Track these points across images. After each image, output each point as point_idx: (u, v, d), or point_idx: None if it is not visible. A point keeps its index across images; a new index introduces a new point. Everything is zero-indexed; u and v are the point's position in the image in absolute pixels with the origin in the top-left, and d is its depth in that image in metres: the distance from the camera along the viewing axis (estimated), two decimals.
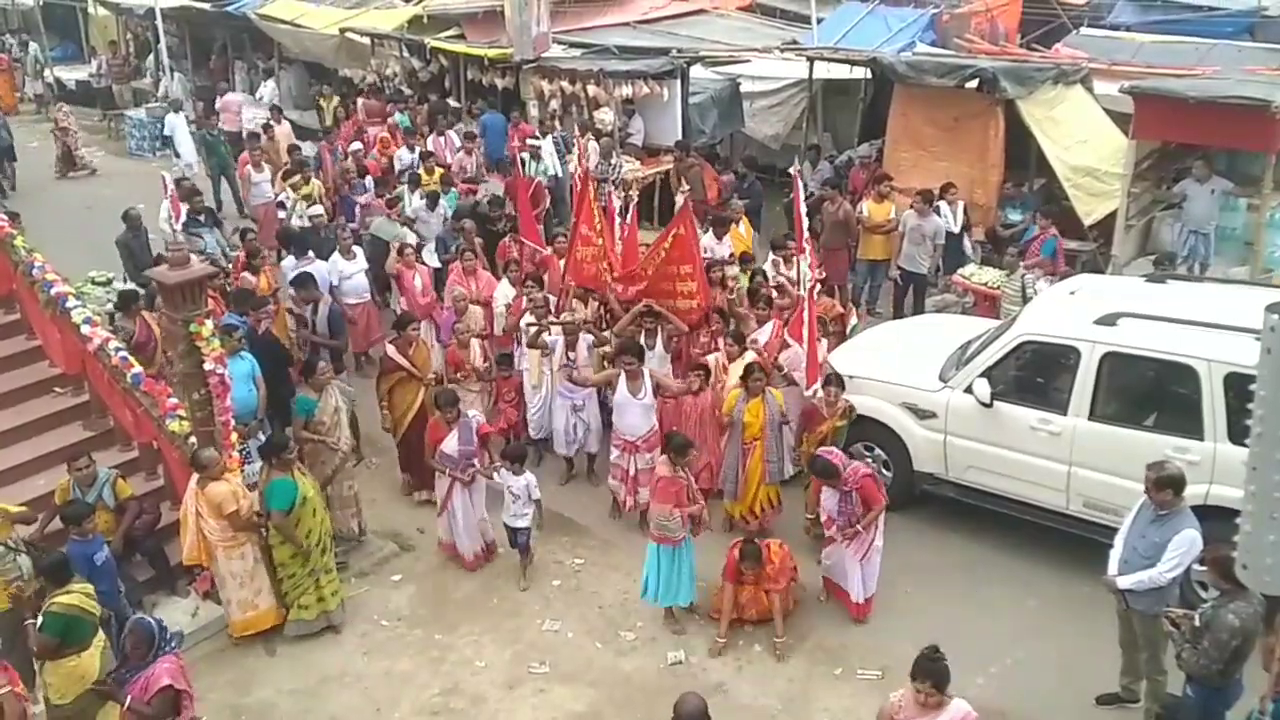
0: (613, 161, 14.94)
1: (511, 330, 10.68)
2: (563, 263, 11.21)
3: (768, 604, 8.18)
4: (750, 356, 9.45)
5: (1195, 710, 6.12)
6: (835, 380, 9.11)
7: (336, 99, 20.14)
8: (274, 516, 8.01)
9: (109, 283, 12.71)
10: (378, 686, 7.95)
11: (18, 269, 9.83)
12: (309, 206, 13.86)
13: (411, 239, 12.66)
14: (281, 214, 14.35)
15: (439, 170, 14.80)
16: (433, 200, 13.68)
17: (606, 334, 10.29)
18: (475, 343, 10.30)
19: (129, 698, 6.23)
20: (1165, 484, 6.79)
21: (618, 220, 10.96)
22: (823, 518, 8.37)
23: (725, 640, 8.14)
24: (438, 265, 12.80)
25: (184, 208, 12.80)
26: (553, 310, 10.62)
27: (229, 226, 15.01)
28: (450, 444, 8.81)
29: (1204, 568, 6.85)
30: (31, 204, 13.06)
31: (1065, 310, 9.04)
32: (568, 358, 9.96)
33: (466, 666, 8.13)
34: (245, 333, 9.83)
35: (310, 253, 12.35)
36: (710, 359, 9.71)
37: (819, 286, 10.12)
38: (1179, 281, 9.72)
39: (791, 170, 11.13)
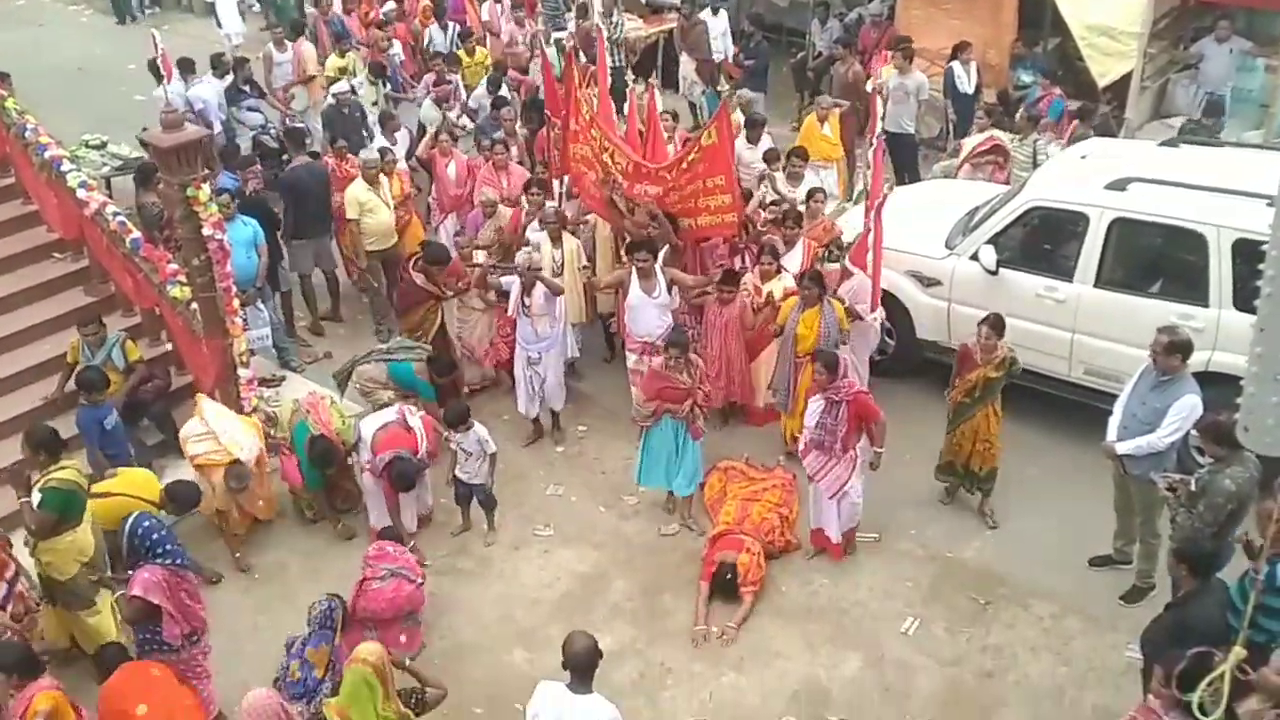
0: (613, 19, 14.44)
1: (510, 246, 9.63)
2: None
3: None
4: (787, 279, 8.73)
5: (1209, 540, 6.14)
6: (993, 322, 7.61)
7: None
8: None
9: (103, 146, 12.52)
10: None
11: (10, 132, 9.65)
12: (335, 82, 12.67)
13: (466, 123, 12.17)
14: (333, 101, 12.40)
15: (481, 51, 13.73)
16: (496, 84, 12.72)
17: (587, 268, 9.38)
18: (482, 256, 9.51)
19: (118, 591, 6.24)
20: (1176, 349, 6.76)
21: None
22: (804, 439, 7.60)
23: (705, 629, 7.28)
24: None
25: (176, 75, 12.35)
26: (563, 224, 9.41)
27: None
28: None
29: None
30: (21, 65, 12.71)
31: (1075, 175, 8.89)
32: (523, 303, 8.73)
33: (473, 528, 8.29)
34: (235, 191, 9.67)
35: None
36: (747, 278, 8.88)
37: (825, 200, 9.74)
38: (1192, 146, 9.53)
39: (869, 87, 10.32)
